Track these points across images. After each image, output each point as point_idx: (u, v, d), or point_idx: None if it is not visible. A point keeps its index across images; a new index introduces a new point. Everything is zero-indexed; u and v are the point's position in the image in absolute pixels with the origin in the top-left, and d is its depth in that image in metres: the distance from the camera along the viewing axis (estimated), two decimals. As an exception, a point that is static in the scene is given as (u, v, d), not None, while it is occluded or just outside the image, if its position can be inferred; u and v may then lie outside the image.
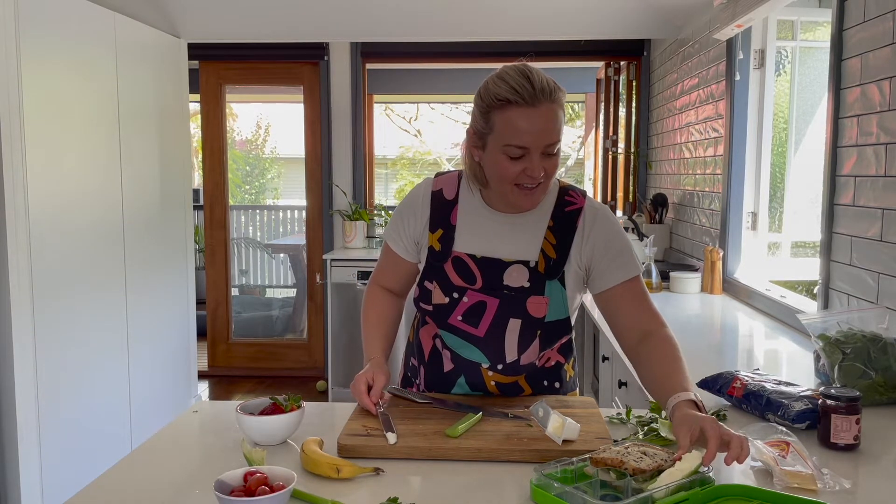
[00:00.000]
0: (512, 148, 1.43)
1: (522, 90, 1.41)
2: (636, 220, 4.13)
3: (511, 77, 1.43)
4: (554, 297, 1.55)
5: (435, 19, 4.13)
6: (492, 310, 1.55)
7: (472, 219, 1.59)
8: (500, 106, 1.43)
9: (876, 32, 2.06)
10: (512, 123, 1.42)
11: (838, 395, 1.43)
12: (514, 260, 1.55)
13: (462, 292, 1.57)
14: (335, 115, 5.14)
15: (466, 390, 1.64)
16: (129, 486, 1.27)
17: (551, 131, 1.43)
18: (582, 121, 11.16)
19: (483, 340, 1.57)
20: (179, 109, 4.07)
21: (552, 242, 1.56)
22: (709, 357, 2.26)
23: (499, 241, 1.57)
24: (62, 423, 2.93)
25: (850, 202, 2.20)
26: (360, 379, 1.55)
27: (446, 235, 1.59)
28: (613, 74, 5.42)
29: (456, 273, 1.57)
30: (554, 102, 1.43)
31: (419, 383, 1.71)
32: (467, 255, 1.57)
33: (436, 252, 1.59)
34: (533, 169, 1.44)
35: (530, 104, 1.41)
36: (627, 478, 1.15)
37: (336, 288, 4.64)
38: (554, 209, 1.58)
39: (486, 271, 1.56)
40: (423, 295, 1.61)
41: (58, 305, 2.91)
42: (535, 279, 1.54)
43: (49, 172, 2.86)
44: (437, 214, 1.61)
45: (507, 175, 1.46)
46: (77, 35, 3.08)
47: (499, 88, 1.43)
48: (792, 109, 3.13)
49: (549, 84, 1.43)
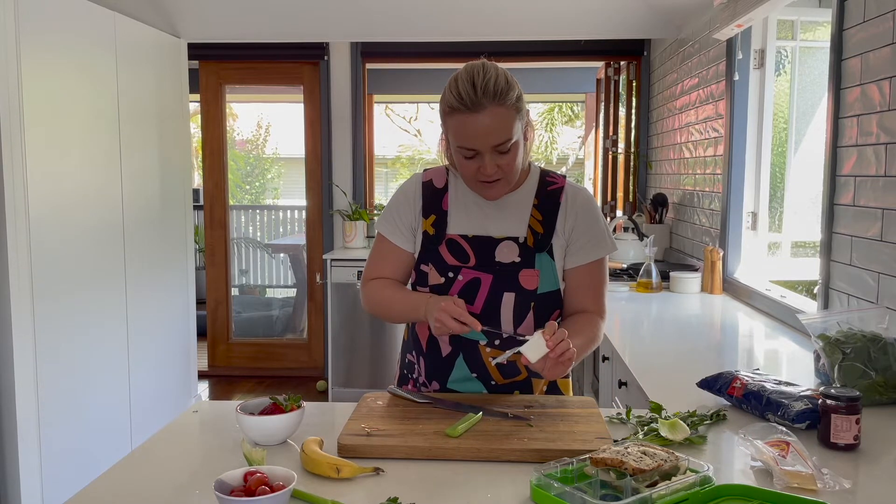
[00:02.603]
0: (463, 150, 1.54)
1: (466, 97, 1.49)
2: (636, 220, 4.13)
3: (460, 82, 1.51)
4: (544, 269, 1.63)
5: (435, 19, 4.13)
6: (486, 286, 1.61)
7: (462, 203, 1.68)
8: (448, 112, 1.53)
9: (876, 32, 2.06)
10: (459, 129, 1.52)
11: (838, 395, 1.43)
12: (503, 237, 1.64)
13: (457, 271, 1.63)
14: (335, 115, 5.14)
15: (466, 372, 1.65)
16: (129, 486, 1.27)
17: (497, 132, 1.50)
18: (582, 121, 11.17)
19: (479, 317, 1.61)
20: (179, 109, 4.07)
21: (538, 219, 1.65)
22: (709, 357, 2.26)
23: (488, 221, 1.66)
24: (62, 423, 2.93)
25: (850, 202, 2.20)
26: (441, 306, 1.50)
27: (439, 220, 1.67)
28: (613, 74, 5.41)
29: (450, 253, 1.64)
30: (500, 104, 1.49)
31: (417, 377, 1.73)
32: (460, 235, 1.65)
33: (430, 236, 1.67)
34: (485, 167, 1.54)
35: (473, 110, 1.49)
36: (627, 478, 1.15)
37: (336, 288, 4.65)
38: (538, 189, 1.68)
39: (479, 249, 1.63)
40: (420, 278, 1.67)
41: (58, 305, 2.91)
42: (525, 253, 1.62)
43: (49, 172, 2.87)
44: (429, 202, 1.69)
45: (466, 173, 1.58)
46: (77, 35, 3.08)
47: (447, 96, 1.52)
48: (792, 109, 3.13)
49: (496, 86, 1.49)
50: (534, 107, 13.24)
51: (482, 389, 1.67)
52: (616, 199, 5.36)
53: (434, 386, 1.70)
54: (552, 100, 11.63)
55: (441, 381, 1.69)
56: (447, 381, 1.68)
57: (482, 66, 1.53)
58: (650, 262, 3.32)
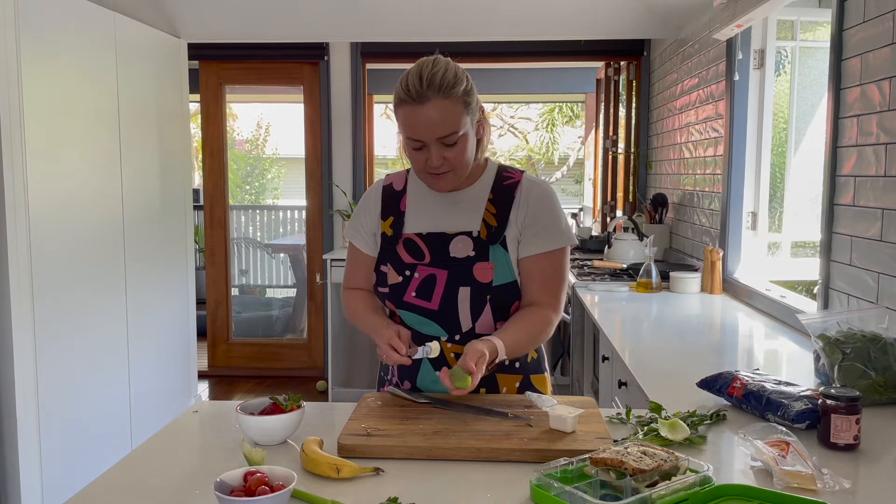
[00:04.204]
0: (411, 141, 1.58)
1: (412, 89, 1.54)
2: (636, 220, 4.13)
3: (410, 76, 1.56)
4: (498, 261, 1.64)
5: (435, 19, 4.13)
6: (441, 281, 1.63)
7: (419, 203, 1.72)
8: (397, 104, 1.58)
9: (876, 32, 2.06)
10: (406, 120, 1.56)
11: (838, 395, 1.43)
12: (457, 232, 1.66)
13: (413, 269, 1.66)
14: (335, 115, 5.14)
15: (431, 373, 1.66)
16: (129, 486, 1.28)
17: (442, 125, 1.54)
18: (582, 121, 11.16)
19: (437, 313, 1.64)
20: (179, 109, 4.07)
21: (493, 212, 1.67)
22: (709, 357, 2.26)
23: (444, 218, 1.69)
24: (62, 423, 2.93)
25: (850, 202, 2.20)
26: (384, 335, 1.57)
27: (397, 221, 1.71)
28: (613, 74, 5.41)
29: (406, 252, 1.68)
30: (447, 97, 1.54)
31: (391, 378, 1.75)
32: (415, 234, 1.68)
33: (388, 237, 1.70)
34: (431, 159, 1.57)
35: (418, 101, 1.53)
36: (627, 478, 1.15)
37: (336, 288, 4.64)
38: (493, 184, 1.70)
39: (433, 246, 1.66)
40: (380, 278, 1.70)
41: (58, 305, 2.91)
42: (479, 247, 1.64)
43: (49, 172, 2.87)
44: (388, 204, 1.74)
45: (415, 164, 1.63)
46: (77, 35, 3.08)
47: (397, 89, 1.57)
48: (792, 109, 3.12)
49: (442, 80, 1.54)
50: (534, 107, 13.25)
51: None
52: (616, 199, 5.36)
53: (406, 385, 1.71)
54: (552, 100, 11.63)
55: (412, 381, 1.70)
56: (416, 381, 1.70)
57: (433, 61, 1.58)
58: (650, 262, 3.32)
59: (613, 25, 4.12)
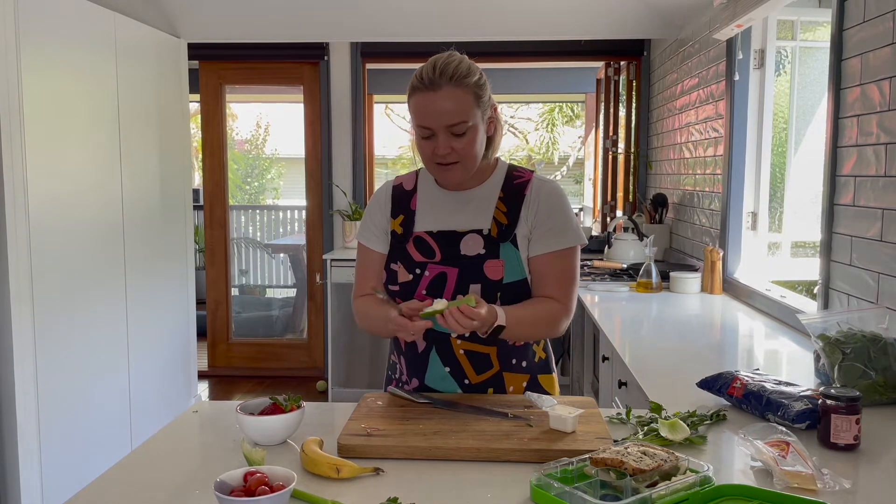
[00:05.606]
0: (420, 129, 1.60)
1: (425, 76, 1.57)
2: (636, 220, 4.13)
3: (424, 66, 1.59)
4: (509, 259, 1.64)
5: (435, 19, 4.13)
6: (452, 279, 1.64)
7: (430, 202, 1.73)
8: (411, 92, 1.60)
9: (876, 32, 2.06)
10: (417, 107, 1.59)
11: (838, 395, 1.43)
12: (468, 230, 1.67)
13: (423, 267, 1.66)
14: (335, 115, 5.14)
15: (440, 368, 1.67)
16: (129, 486, 1.28)
17: (452, 113, 1.56)
18: (582, 121, 11.17)
19: None
20: (179, 109, 4.07)
21: (503, 210, 1.68)
22: (709, 357, 2.26)
23: (454, 216, 1.69)
24: (62, 423, 2.93)
25: (850, 202, 2.20)
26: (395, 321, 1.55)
27: (407, 219, 1.72)
28: (613, 74, 5.41)
29: (417, 250, 1.68)
30: (458, 86, 1.56)
31: (399, 376, 1.76)
32: (426, 232, 1.69)
33: (398, 235, 1.71)
34: (439, 147, 1.58)
35: (430, 88, 1.56)
36: (627, 478, 1.15)
37: (336, 288, 4.64)
38: (504, 183, 1.71)
39: (443, 244, 1.66)
40: (390, 277, 1.70)
41: (58, 305, 2.91)
42: (490, 244, 1.65)
43: (49, 172, 2.86)
44: (398, 203, 1.75)
45: (423, 154, 1.63)
46: (77, 35, 3.08)
47: (412, 79, 1.60)
48: (792, 109, 3.12)
49: (455, 69, 1.57)
50: (534, 107, 13.25)
51: (457, 389, 1.68)
52: (616, 199, 5.36)
53: (414, 383, 1.71)
54: (552, 100, 11.62)
55: (419, 378, 1.70)
56: (424, 378, 1.70)
57: (448, 53, 1.61)
58: (650, 262, 3.32)
59: (614, 25, 4.12)
